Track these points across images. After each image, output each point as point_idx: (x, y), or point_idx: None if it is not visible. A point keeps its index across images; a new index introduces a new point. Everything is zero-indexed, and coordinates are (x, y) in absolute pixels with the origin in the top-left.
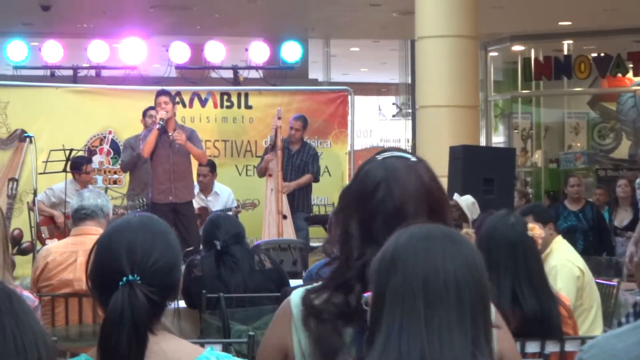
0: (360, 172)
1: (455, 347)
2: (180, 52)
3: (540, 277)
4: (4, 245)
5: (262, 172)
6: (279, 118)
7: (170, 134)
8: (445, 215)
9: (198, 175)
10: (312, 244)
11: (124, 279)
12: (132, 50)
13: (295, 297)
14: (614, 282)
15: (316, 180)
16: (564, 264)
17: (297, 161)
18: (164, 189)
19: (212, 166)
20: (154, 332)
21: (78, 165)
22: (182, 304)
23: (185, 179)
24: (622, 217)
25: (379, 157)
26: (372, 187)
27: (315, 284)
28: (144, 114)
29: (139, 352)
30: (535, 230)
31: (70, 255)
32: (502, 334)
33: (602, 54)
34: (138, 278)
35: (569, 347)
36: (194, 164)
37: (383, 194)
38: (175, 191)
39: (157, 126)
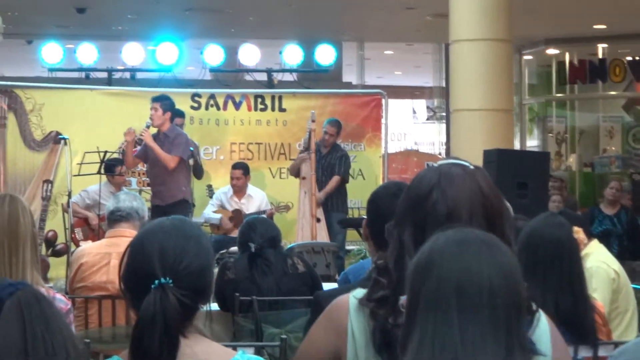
0: (414, 179)
1: (489, 356)
2: (214, 54)
3: (580, 281)
4: (32, 244)
5: (295, 170)
6: (313, 121)
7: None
8: (502, 223)
9: (231, 178)
10: (348, 247)
11: (156, 282)
12: (166, 52)
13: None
14: None
15: (345, 180)
16: (599, 265)
17: (326, 163)
18: (154, 191)
19: (245, 169)
20: (186, 335)
21: (112, 168)
22: (214, 306)
23: (165, 183)
24: None
25: (436, 164)
26: (426, 191)
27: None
28: None
29: (171, 354)
30: (580, 233)
31: (104, 257)
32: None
33: (637, 58)
34: (170, 281)
35: (603, 352)
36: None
37: (436, 197)
38: (159, 194)
39: (137, 136)
